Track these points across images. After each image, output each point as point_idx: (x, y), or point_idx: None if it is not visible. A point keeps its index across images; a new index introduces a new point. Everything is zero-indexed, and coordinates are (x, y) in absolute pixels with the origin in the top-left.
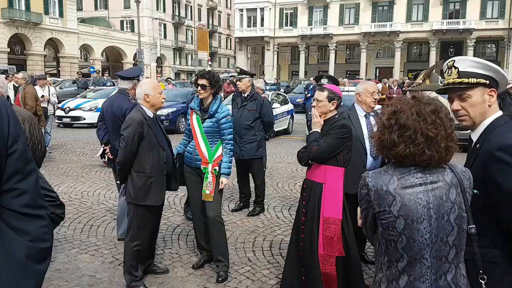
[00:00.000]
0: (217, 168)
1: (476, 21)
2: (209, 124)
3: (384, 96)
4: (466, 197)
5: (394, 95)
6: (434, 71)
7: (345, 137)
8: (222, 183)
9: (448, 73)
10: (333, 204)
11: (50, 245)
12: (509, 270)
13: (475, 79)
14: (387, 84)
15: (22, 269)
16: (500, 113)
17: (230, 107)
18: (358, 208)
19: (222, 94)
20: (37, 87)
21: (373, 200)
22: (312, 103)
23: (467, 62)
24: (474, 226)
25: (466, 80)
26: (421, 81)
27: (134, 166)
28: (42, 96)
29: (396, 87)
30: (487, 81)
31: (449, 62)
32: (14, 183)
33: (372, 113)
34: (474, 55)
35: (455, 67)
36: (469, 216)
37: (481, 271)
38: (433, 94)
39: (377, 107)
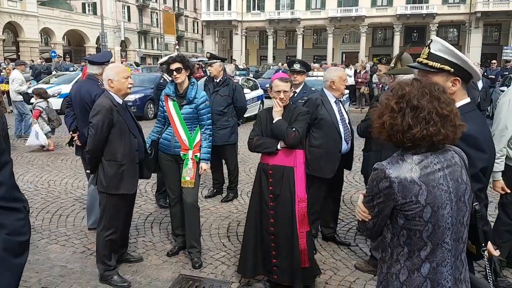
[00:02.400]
0: (198, 154)
1: (439, 5)
2: (189, 111)
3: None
4: (469, 175)
5: (360, 80)
6: (404, 53)
7: (309, 121)
8: (202, 168)
9: (423, 51)
10: (302, 184)
11: (27, 238)
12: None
13: (439, 64)
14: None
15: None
16: (467, 100)
17: None
18: (362, 203)
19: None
20: (17, 72)
21: (396, 192)
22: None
23: (438, 45)
24: (477, 203)
25: (430, 63)
26: (393, 65)
27: (105, 155)
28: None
29: (364, 71)
30: (452, 69)
31: (429, 40)
32: None
33: (341, 99)
34: None
35: (429, 48)
36: (473, 194)
37: (483, 244)
38: (405, 77)
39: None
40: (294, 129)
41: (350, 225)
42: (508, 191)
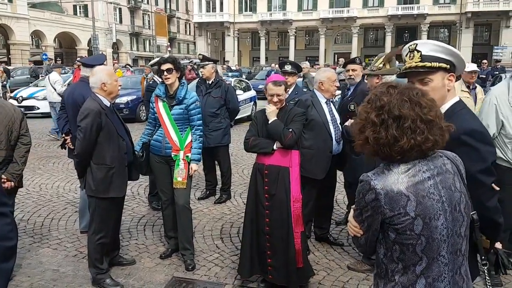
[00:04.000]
0: (189, 155)
1: (430, 6)
2: (179, 111)
3: None
4: (465, 182)
5: None
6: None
7: (305, 122)
8: (192, 169)
9: (410, 56)
10: (297, 184)
11: (15, 243)
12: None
13: (437, 63)
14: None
15: None
16: (457, 98)
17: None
18: (352, 217)
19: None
20: (56, 74)
21: (383, 204)
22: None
23: (429, 46)
24: (475, 212)
25: (429, 64)
26: (381, 66)
27: (94, 158)
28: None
29: None
30: (448, 66)
31: (411, 45)
32: None
33: (332, 99)
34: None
35: (418, 51)
36: (470, 202)
37: (483, 257)
38: (391, 78)
39: (337, 92)
40: (290, 130)
41: (343, 226)
42: (497, 188)
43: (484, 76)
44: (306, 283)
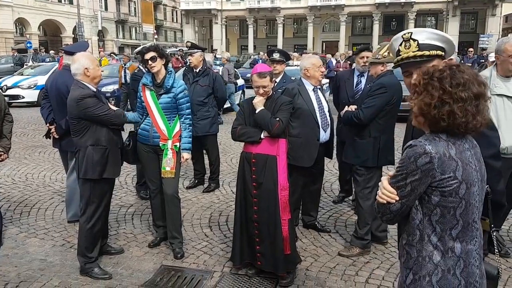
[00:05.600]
0: (177, 144)
1: None
2: (167, 100)
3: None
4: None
5: (341, 69)
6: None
7: (292, 111)
8: (183, 158)
9: (406, 46)
10: (285, 172)
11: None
12: None
13: (434, 51)
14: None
15: None
16: None
17: None
18: (388, 184)
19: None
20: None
21: (436, 168)
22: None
23: (426, 34)
24: (488, 185)
25: (427, 53)
26: (386, 54)
27: (89, 140)
28: None
29: (343, 60)
30: (443, 53)
31: (405, 34)
32: None
33: (319, 87)
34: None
35: (414, 40)
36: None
37: (492, 225)
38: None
39: (324, 81)
40: (278, 119)
41: (330, 213)
42: None
43: (470, 64)
44: (293, 269)
